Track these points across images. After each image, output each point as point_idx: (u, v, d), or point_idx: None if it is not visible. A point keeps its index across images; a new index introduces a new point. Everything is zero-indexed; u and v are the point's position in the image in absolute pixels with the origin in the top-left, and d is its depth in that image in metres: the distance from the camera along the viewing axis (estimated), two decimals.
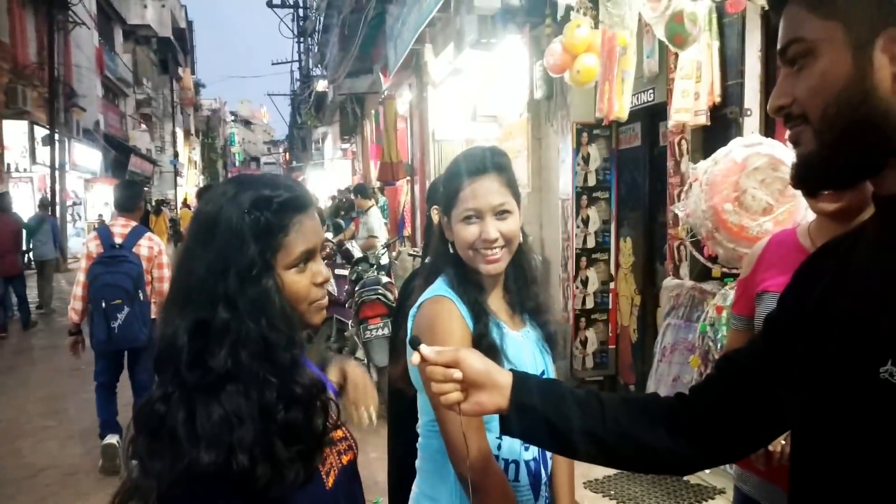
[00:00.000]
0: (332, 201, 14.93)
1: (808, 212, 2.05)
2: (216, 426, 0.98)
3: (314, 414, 1.08)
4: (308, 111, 24.65)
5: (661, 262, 4.43)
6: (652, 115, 4.62)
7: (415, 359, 1.04)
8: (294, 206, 1.12)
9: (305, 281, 1.13)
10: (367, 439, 1.45)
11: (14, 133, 15.84)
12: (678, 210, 2.98)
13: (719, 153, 2.71)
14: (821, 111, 0.83)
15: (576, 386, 1.51)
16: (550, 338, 1.62)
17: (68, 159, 18.16)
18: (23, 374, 7.33)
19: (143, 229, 4.48)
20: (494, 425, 1.15)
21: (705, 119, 3.57)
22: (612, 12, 3.86)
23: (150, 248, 4.36)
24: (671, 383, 3.49)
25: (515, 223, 1.49)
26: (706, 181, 2.71)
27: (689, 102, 3.60)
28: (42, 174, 17.04)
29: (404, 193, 11.62)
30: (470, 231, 1.46)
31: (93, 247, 4.31)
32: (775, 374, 0.97)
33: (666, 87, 3.98)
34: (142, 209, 5.07)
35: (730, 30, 3.57)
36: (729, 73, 3.57)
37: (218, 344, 1.01)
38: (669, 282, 3.91)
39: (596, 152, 5.20)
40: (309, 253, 1.13)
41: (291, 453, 1.03)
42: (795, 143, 0.88)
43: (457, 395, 1.03)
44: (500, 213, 1.47)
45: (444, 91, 8.40)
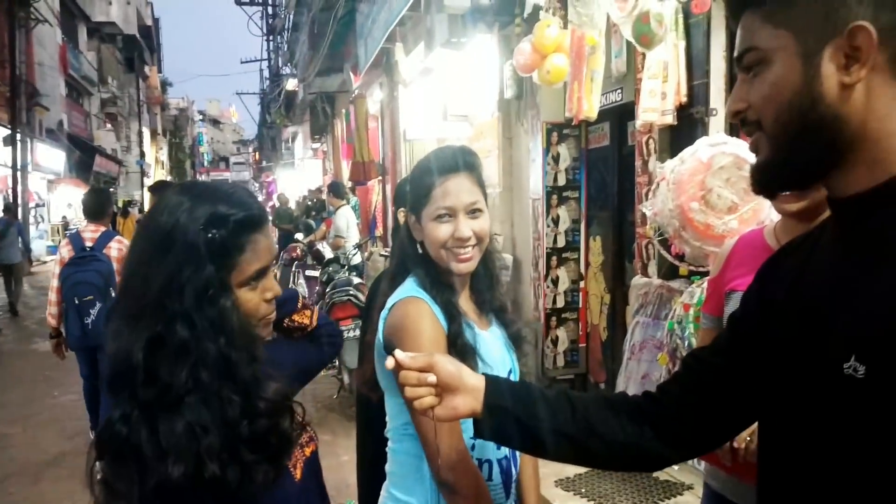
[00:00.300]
0: (303, 201, 14.80)
1: (772, 211, 2.08)
2: (182, 438, 0.97)
3: (281, 421, 1.09)
4: (278, 110, 24.35)
5: (630, 261, 4.46)
6: (620, 115, 4.66)
7: (389, 363, 1.04)
8: (250, 224, 1.12)
9: (257, 298, 1.15)
10: (338, 442, 1.44)
11: None
12: (646, 209, 3.01)
13: (686, 152, 2.74)
14: (773, 117, 0.86)
15: (547, 384, 1.52)
16: (516, 336, 1.63)
17: (31, 160, 17.80)
18: None
19: (112, 233, 4.77)
20: (468, 426, 1.16)
21: (672, 118, 3.60)
22: (580, 12, 3.89)
23: (119, 249, 4.51)
24: (640, 381, 3.53)
25: (487, 222, 1.50)
26: (673, 180, 2.74)
27: (657, 102, 3.63)
28: (4, 175, 16.68)
29: (376, 193, 11.55)
30: (442, 230, 1.45)
31: (65, 252, 4.53)
32: (740, 371, 1.00)
33: (634, 86, 4.01)
34: (111, 215, 5.31)
35: (696, 30, 3.60)
36: (695, 73, 3.61)
37: (177, 363, 1.01)
38: (638, 280, 3.95)
39: (566, 152, 5.23)
40: (262, 271, 1.14)
41: (259, 457, 1.03)
42: (755, 151, 0.92)
43: (431, 400, 1.04)
44: (473, 212, 1.47)
45: (415, 90, 8.38)
